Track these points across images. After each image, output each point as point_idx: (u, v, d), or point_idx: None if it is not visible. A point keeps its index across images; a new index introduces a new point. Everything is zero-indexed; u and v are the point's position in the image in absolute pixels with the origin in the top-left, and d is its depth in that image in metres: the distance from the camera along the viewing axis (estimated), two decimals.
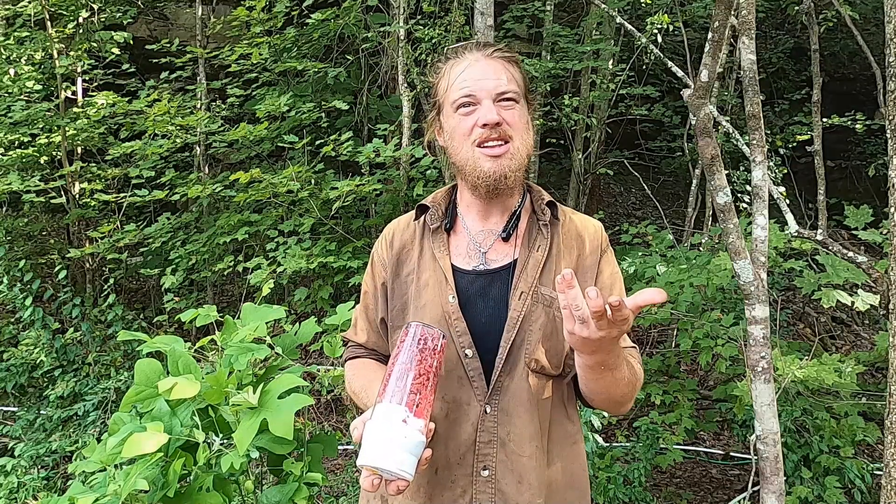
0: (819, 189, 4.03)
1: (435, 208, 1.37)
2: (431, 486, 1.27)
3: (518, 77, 1.28)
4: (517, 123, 1.26)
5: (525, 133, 1.27)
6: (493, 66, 1.26)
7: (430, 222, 1.36)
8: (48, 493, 3.46)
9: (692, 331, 3.57)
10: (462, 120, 1.26)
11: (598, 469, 3.39)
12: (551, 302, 1.28)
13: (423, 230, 1.38)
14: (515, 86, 1.27)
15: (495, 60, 1.26)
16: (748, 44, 2.48)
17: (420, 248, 1.36)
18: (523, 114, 1.28)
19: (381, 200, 4.63)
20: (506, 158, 1.25)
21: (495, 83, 1.24)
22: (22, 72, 5.35)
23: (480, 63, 1.26)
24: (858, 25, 4.69)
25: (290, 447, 1.69)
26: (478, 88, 1.24)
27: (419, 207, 1.39)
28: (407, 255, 1.37)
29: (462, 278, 1.31)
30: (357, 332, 1.45)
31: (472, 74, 1.25)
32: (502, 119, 1.24)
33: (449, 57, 1.31)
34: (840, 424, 3.41)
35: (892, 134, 2.05)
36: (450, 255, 1.33)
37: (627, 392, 1.23)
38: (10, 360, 4.57)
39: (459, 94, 1.25)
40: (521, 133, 1.27)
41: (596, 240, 1.36)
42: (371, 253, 1.45)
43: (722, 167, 2.31)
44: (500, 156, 1.25)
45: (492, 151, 1.25)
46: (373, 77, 5.72)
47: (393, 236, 1.41)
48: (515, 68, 1.29)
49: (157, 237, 4.89)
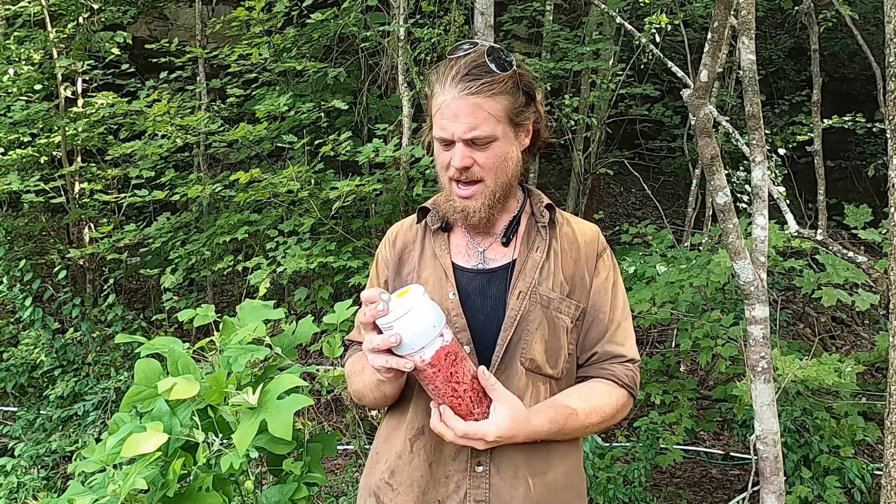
0: (819, 189, 4.02)
1: (436, 210, 1.39)
2: (425, 481, 1.28)
3: (498, 109, 1.24)
4: (489, 164, 1.26)
5: (500, 171, 1.27)
6: (466, 107, 1.22)
7: (431, 223, 1.39)
8: (48, 493, 3.46)
9: (692, 331, 3.57)
10: (441, 152, 1.28)
11: (598, 469, 3.39)
12: (549, 302, 1.30)
13: (425, 231, 1.41)
14: (491, 125, 1.23)
15: (469, 100, 1.22)
16: (748, 44, 2.47)
17: (421, 247, 1.39)
18: (500, 150, 1.26)
19: (381, 200, 4.62)
20: (474, 199, 1.28)
21: (466, 127, 1.22)
22: (22, 72, 5.35)
23: (456, 103, 1.22)
24: (858, 25, 4.68)
25: (290, 447, 1.70)
26: (451, 131, 1.24)
27: (421, 210, 1.42)
28: (409, 255, 1.40)
29: (462, 276, 1.33)
30: (361, 332, 1.45)
31: (447, 114, 1.23)
32: (473, 162, 1.25)
33: (437, 77, 1.27)
34: (840, 424, 3.41)
35: (892, 134, 2.05)
36: (450, 253, 1.36)
37: (601, 426, 1.30)
38: (10, 360, 4.57)
39: (438, 131, 1.26)
40: (494, 172, 1.27)
41: (593, 243, 1.38)
42: (375, 254, 1.48)
43: (722, 167, 2.30)
44: (469, 196, 1.28)
45: (460, 192, 1.28)
46: (373, 77, 5.72)
47: (396, 237, 1.44)
48: (495, 101, 1.23)
49: (156, 237, 4.89)
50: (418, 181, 4.33)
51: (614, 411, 1.30)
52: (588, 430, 1.28)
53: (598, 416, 1.28)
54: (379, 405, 1.37)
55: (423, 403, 1.29)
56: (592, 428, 1.29)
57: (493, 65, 1.23)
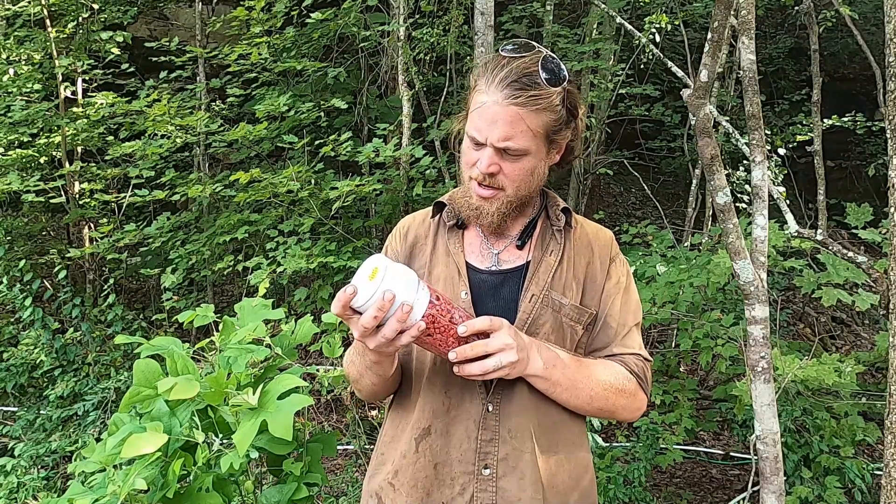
0: (819, 189, 4.03)
1: (452, 206, 1.37)
2: (430, 482, 1.26)
3: (538, 125, 1.20)
4: (514, 175, 1.24)
5: (523, 183, 1.26)
6: (507, 115, 1.18)
7: (447, 219, 1.37)
8: (48, 493, 3.46)
9: (692, 331, 3.57)
10: (471, 149, 1.26)
11: (598, 469, 3.40)
12: (560, 307, 1.29)
13: (438, 227, 1.39)
14: (527, 139, 1.20)
15: (512, 109, 1.18)
16: (748, 44, 2.47)
17: (433, 243, 1.37)
18: (529, 164, 1.24)
19: (381, 200, 4.63)
20: (490, 202, 1.26)
21: (501, 135, 1.19)
22: (22, 72, 5.35)
23: (497, 108, 1.18)
24: (858, 25, 4.69)
25: (290, 447, 1.69)
26: (485, 135, 1.21)
27: (436, 205, 1.40)
28: (420, 250, 1.38)
29: (475, 276, 1.32)
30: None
31: (485, 116, 1.20)
32: (499, 170, 1.23)
33: (484, 72, 1.23)
34: (840, 424, 3.41)
35: (892, 134, 2.05)
36: (464, 252, 1.34)
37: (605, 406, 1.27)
38: (10, 360, 4.56)
39: (472, 129, 1.23)
40: (517, 184, 1.25)
41: (606, 247, 1.37)
42: (384, 245, 1.45)
43: (722, 167, 2.30)
44: (488, 198, 1.26)
45: (481, 192, 1.26)
46: (372, 77, 5.72)
47: (408, 230, 1.42)
48: (537, 116, 1.20)
49: (156, 237, 4.88)
50: (418, 181, 4.32)
51: (622, 387, 1.27)
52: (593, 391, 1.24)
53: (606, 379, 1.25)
54: (378, 392, 1.34)
55: (428, 404, 1.28)
56: (599, 392, 1.24)
57: (546, 77, 1.19)
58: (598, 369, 1.27)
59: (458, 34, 4.81)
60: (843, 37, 7.80)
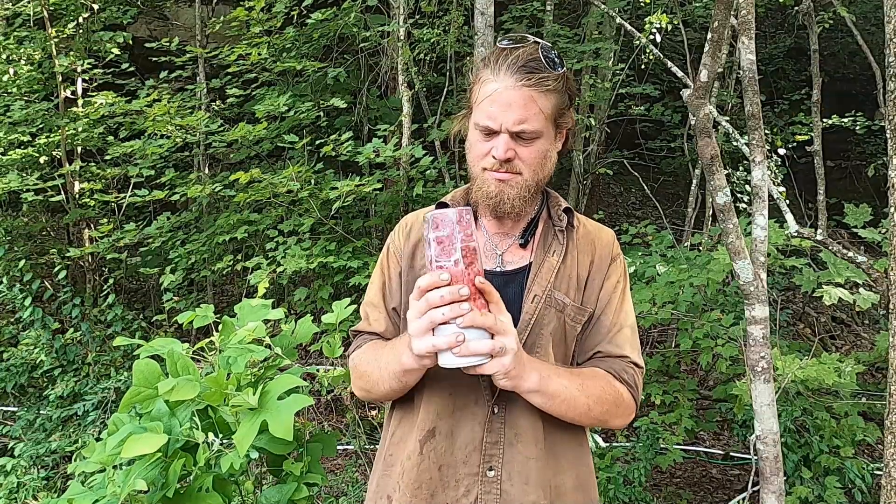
0: (819, 189, 4.02)
1: (455, 206, 1.36)
2: (434, 484, 1.26)
3: (548, 107, 1.24)
4: (530, 159, 1.25)
5: (539, 167, 1.27)
6: (521, 98, 1.21)
7: None
8: (48, 493, 3.46)
9: (692, 331, 3.57)
10: (480, 141, 1.26)
11: (598, 469, 3.39)
12: (563, 307, 1.29)
13: None
14: (540, 121, 1.23)
15: (525, 91, 1.21)
16: (748, 44, 2.47)
17: None
18: (542, 147, 1.26)
19: (381, 200, 4.62)
20: (509, 185, 1.26)
21: (517, 118, 1.21)
22: (21, 71, 5.35)
23: (510, 92, 1.21)
24: (858, 25, 4.68)
25: (290, 447, 1.70)
26: (499, 121, 1.22)
27: (439, 205, 1.39)
28: (423, 249, 1.36)
29: None
30: (371, 323, 1.41)
31: (498, 102, 1.22)
32: (515, 155, 1.24)
33: (488, 64, 1.26)
34: (840, 424, 3.41)
35: (892, 134, 2.05)
36: None
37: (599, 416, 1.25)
38: (10, 360, 4.56)
39: (483, 118, 1.24)
40: (534, 168, 1.27)
41: (608, 247, 1.37)
42: (386, 243, 1.44)
43: (721, 167, 2.30)
44: (505, 181, 1.26)
45: (498, 176, 1.26)
46: (372, 77, 5.72)
47: (410, 228, 1.41)
48: (547, 98, 1.23)
49: (156, 237, 4.89)
50: (418, 181, 4.32)
51: (614, 394, 1.26)
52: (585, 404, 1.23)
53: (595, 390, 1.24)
54: (390, 397, 1.32)
55: (432, 405, 1.28)
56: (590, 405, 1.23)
57: (548, 61, 1.23)
58: (589, 381, 1.26)
59: (458, 34, 4.81)
60: (843, 37, 7.80)
